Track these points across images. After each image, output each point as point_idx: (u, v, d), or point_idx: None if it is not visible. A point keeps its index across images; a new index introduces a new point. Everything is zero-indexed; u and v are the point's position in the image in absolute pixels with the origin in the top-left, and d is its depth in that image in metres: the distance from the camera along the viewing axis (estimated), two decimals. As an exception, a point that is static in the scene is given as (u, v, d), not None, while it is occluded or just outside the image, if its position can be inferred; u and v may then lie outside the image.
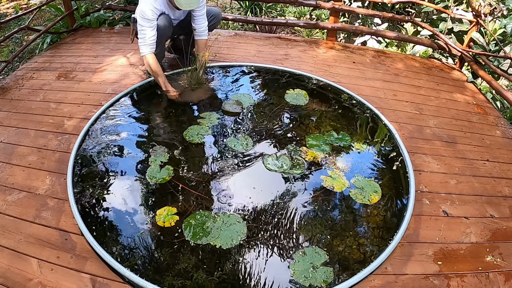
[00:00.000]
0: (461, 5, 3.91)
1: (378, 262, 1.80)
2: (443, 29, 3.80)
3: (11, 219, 1.97)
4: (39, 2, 6.58)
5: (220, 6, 6.90)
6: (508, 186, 2.33)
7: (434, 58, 3.99)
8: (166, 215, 1.97)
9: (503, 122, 2.97)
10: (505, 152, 2.62)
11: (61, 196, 2.10)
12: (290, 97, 2.97)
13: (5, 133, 2.59)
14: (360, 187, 2.19)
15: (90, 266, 1.75)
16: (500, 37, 3.34)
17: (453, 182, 2.32)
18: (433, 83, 3.38)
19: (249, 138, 2.52)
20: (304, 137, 2.55)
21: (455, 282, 1.76)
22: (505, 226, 2.07)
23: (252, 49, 3.78)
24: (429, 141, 2.65)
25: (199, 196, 2.09)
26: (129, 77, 3.22)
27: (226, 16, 4.31)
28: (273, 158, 2.36)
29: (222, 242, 1.85)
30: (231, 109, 2.81)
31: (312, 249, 1.84)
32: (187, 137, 2.52)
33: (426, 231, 1.99)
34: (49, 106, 2.86)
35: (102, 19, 4.48)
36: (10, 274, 1.70)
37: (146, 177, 2.20)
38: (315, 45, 4.01)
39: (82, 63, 3.49)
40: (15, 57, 3.51)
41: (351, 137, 2.57)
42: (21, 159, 2.36)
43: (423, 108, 3.00)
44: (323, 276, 1.73)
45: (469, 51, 3.51)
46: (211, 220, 1.96)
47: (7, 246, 1.83)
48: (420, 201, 2.16)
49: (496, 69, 3.16)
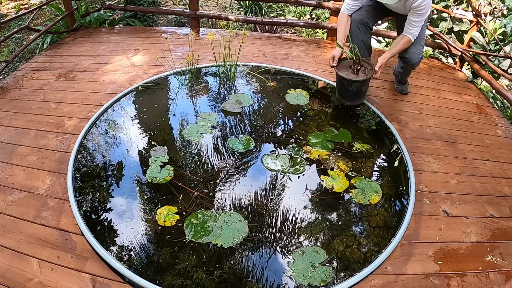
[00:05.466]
0: (461, 4, 3.91)
1: (378, 261, 1.80)
2: (443, 28, 3.80)
3: (11, 219, 1.97)
4: (39, 2, 6.58)
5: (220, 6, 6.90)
6: (508, 186, 2.33)
7: (434, 58, 3.99)
8: (166, 214, 1.97)
9: (503, 121, 2.97)
10: (505, 152, 2.62)
11: (61, 196, 2.10)
12: (291, 97, 2.97)
13: (5, 133, 2.59)
14: (360, 188, 2.19)
15: (90, 266, 1.75)
16: (500, 36, 3.34)
17: (453, 181, 2.32)
18: (433, 83, 3.38)
19: (249, 137, 2.52)
20: (305, 137, 2.55)
21: (455, 281, 1.76)
22: (505, 225, 2.07)
23: (252, 49, 3.78)
24: (429, 140, 2.65)
25: (199, 196, 2.09)
26: (129, 77, 3.22)
27: (227, 15, 4.31)
28: (272, 158, 2.36)
29: (223, 241, 1.85)
30: (231, 109, 2.81)
31: (311, 248, 1.84)
32: (187, 137, 2.52)
33: (426, 231, 1.99)
34: (49, 106, 2.86)
35: (102, 19, 4.49)
36: (10, 274, 1.71)
37: (147, 177, 2.20)
38: (315, 45, 4.01)
39: (82, 63, 3.49)
40: (15, 57, 3.51)
41: (351, 136, 2.57)
42: (21, 159, 2.36)
43: (423, 107, 3.00)
44: (322, 275, 1.73)
45: (469, 51, 3.51)
46: (212, 219, 1.96)
47: (7, 246, 1.83)
48: (420, 200, 2.16)
49: (496, 69, 3.16)
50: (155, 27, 4.90)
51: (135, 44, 3.87)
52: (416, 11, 2.52)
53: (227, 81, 3.19)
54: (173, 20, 6.14)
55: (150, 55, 3.59)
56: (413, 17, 2.57)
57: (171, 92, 3.03)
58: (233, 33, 3.88)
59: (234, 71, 3.20)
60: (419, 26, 2.62)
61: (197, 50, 3.70)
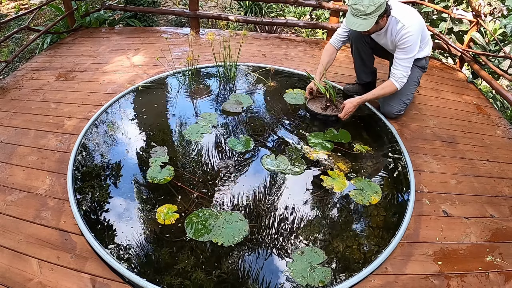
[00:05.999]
0: (461, 5, 3.91)
1: (378, 262, 1.80)
2: (443, 29, 3.80)
3: (11, 219, 1.97)
4: (39, 2, 6.58)
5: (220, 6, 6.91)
6: (508, 186, 2.33)
7: (434, 58, 4.00)
8: (166, 213, 1.97)
9: (503, 122, 2.97)
10: (505, 152, 2.62)
11: (61, 196, 2.10)
12: (289, 97, 2.97)
13: (5, 133, 2.59)
14: (360, 188, 2.19)
15: (90, 266, 1.75)
16: (500, 37, 3.34)
17: (453, 182, 2.32)
18: (433, 83, 3.38)
19: (249, 138, 2.52)
20: (304, 136, 2.55)
21: (455, 282, 1.76)
22: (505, 226, 2.07)
23: (252, 49, 3.78)
24: (429, 141, 2.65)
25: (199, 196, 2.09)
26: (129, 77, 3.22)
27: (227, 16, 4.31)
28: (272, 158, 2.36)
29: (224, 240, 1.85)
30: (231, 109, 2.81)
31: (310, 249, 1.84)
32: (187, 137, 2.52)
33: (426, 231, 1.99)
34: (49, 106, 2.86)
35: (102, 19, 4.49)
36: (10, 274, 1.70)
37: (147, 177, 2.20)
38: (315, 45, 4.01)
39: (82, 63, 3.49)
40: (15, 57, 3.51)
41: (351, 136, 2.57)
42: (21, 159, 2.36)
43: (423, 108, 3.00)
44: (321, 276, 1.73)
45: (469, 51, 3.51)
46: (213, 218, 1.96)
47: (7, 246, 1.83)
48: (420, 201, 2.16)
49: (496, 69, 3.16)
50: (155, 27, 4.91)
51: (135, 44, 3.87)
52: (399, 45, 2.39)
53: (227, 81, 3.19)
54: (173, 20, 6.14)
55: (150, 55, 3.59)
56: (398, 53, 2.43)
57: (171, 93, 3.03)
58: (233, 33, 3.89)
59: (234, 71, 3.20)
60: (404, 67, 2.44)
61: (197, 50, 3.70)
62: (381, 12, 2.28)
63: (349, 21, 2.34)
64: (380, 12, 2.27)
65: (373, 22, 2.28)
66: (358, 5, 2.25)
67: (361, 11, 2.25)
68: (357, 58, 2.89)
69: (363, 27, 2.31)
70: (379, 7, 2.24)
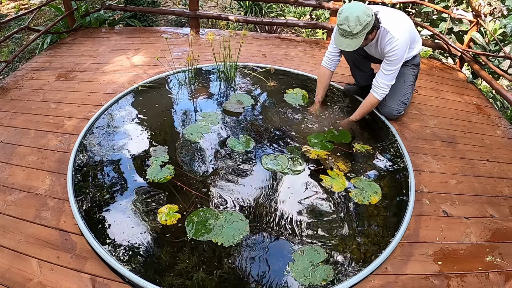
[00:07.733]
0: (461, 5, 3.91)
1: (378, 262, 1.80)
2: (443, 29, 3.80)
3: (11, 219, 1.97)
4: (39, 2, 6.58)
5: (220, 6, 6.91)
6: (508, 186, 2.33)
7: (434, 58, 4.00)
8: (167, 213, 1.97)
9: (503, 122, 2.97)
10: (505, 152, 2.62)
11: (61, 196, 2.10)
12: (290, 97, 2.97)
13: (5, 133, 2.59)
14: (360, 188, 2.19)
15: (90, 266, 1.75)
16: (500, 37, 3.34)
17: (453, 182, 2.32)
18: (433, 83, 3.38)
19: (249, 137, 2.52)
20: (304, 136, 2.55)
21: (455, 282, 1.76)
22: (505, 226, 2.07)
23: (252, 49, 3.78)
24: (429, 141, 2.65)
25: (199, 196, 2.09)
26: (129, 77, 3.22)
27: (227, 16, 4.31)
28: (271, 158, 2.36)
29: (224, 240, 1.85)
30: (232, 109, 2.82)
31: (311, 248, 1.84)
32: (188, 136, 2.52)
33: (426, 231, 1.99)
34: (49, 106, 2.86)
35: (102, 19, 4.49)
36: (10, 274, 1.70)
37: (147, 177, 2.20)
38: (315, 45, 4.02)
39: (82, 63, 3.49)
40: (15, 57, 3.51)
41: (351, 136, 2.57)
42: (21, 159, 2.36)
43: (423, 108, 3.00)
44: (323, 274, 1.73)
45: (469, 51, 3.51)
46: (213, 217, 1.96)
47: (7, 246, 1.83)
48: (420, 201, 2.16)
49: (496, 69, 3.16)
50: (155, 28, 4.91)
51: (135, 45, 3.87)
52: (387, 56, 2.39)
53: (227, 81, 3.19)
54: (173, 20, 6.15)
55: (150, 55, 3.59)
56: (385, 63, 2.43)
57: (171, 92, 3.03)
58: (233, 33, 3.88)
59: (234, 71, 3.20)
60: (388, 77, 2.45)
61: (197, 50, 3.70)
62: (369, 30, 2.25)
63: (337, 40, 2.33)
64: (367, 30, 2.23)
65: (361, 41, 2.26)
66: (345, 26, 2.22)
67: (348, 31, 2.22)
68: (352, 66, 2.92)
69: (350, 47, 2.29)
70: (366, 25, 2.21)
